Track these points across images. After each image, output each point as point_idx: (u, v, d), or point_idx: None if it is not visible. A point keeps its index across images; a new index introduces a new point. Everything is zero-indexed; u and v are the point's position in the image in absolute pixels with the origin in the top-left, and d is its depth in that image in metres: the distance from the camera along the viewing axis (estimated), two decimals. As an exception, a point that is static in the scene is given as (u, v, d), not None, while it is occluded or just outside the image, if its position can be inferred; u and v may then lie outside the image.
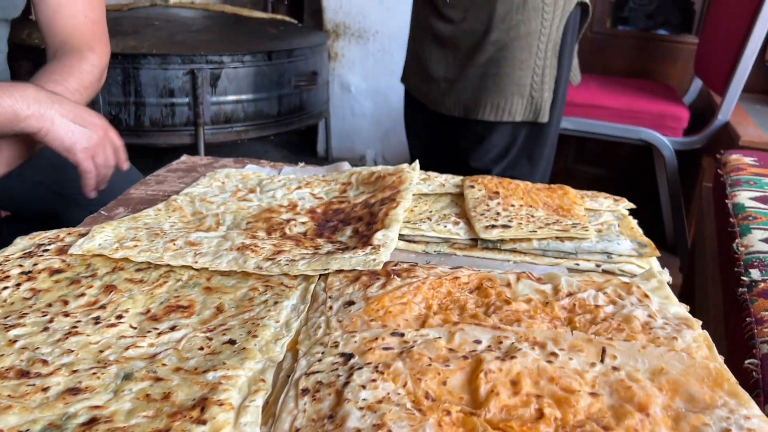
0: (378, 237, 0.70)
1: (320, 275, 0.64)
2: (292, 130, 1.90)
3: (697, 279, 1.20)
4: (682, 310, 0.59)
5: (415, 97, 1.43)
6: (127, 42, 1.59)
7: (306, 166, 1.01)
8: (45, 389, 0.47)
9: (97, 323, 0.55)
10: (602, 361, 0.51)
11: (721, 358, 0.52)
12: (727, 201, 1.07)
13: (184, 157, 1.05)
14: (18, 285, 0.61)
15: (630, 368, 0.50)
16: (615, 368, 0.50)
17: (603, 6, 2.02)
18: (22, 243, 0.69)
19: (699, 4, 1.95)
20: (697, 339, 0.54)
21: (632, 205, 0.85)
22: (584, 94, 1.63)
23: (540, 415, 0.45)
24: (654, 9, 2.10)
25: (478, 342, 0.53)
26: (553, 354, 0.51)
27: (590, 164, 2.14)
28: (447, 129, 1.38)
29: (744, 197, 1.07)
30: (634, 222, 0.82)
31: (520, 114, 1.25)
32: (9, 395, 0.46)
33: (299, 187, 0.88)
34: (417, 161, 0.92)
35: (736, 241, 0.92)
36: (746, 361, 0.67)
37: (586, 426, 0.45)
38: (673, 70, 1.98)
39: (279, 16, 2.17)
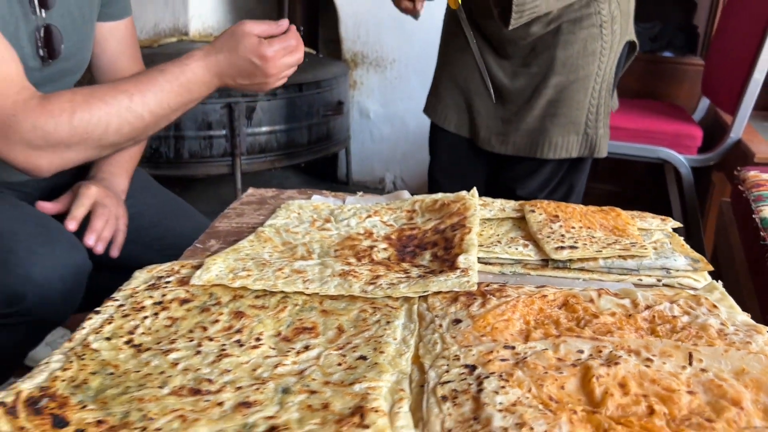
0: (462, 261, 0.77)
1: (419, 297, 0.72)
2: (319, 157, 1.98)
3: (737, 283, 1.28)
4: (748, 317, 0.67)
5: (449, 130, 1.47)
6: (167, 79, 1.67)
7: (366, 195, 1.09)
8: (220, 404, 0.53)
9: (241, 345, 0.62)
10: (690, 364, 0.59)
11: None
12: (754, 216, 1.15)
13: (251, 190, 1.12)
14: (156, 314, 0.68)
15: (716, 369, 0.58)
16: (703, 370, 0.57)
17: (610, 31, 2.12)
18: (142, 276, 0.76)
19: (702, 28, 2.06)
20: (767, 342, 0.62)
21: (679, 224, 0.93)
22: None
23: (651, 411, 0.53)
24: (658, 32, 2.21)
25: (581, 351, 0.60)
26: (648, 360, 0.59)
27: (603, 181, 2.23)
28: (489, 161, 1.45)
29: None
30: (682, 239, 0.90)
31: (576, 150, 1.34)
32: (192, 410, 0.53)
33: (369, 216, 0.96)
34: (475, 189, 1.00)
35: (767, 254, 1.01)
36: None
37: (693, 419, 0.52)
38: (680, 91, 2.08)
39: (300, 48, 2.26)
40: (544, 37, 1.29)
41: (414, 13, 1.36)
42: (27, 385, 0.55)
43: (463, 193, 0.99)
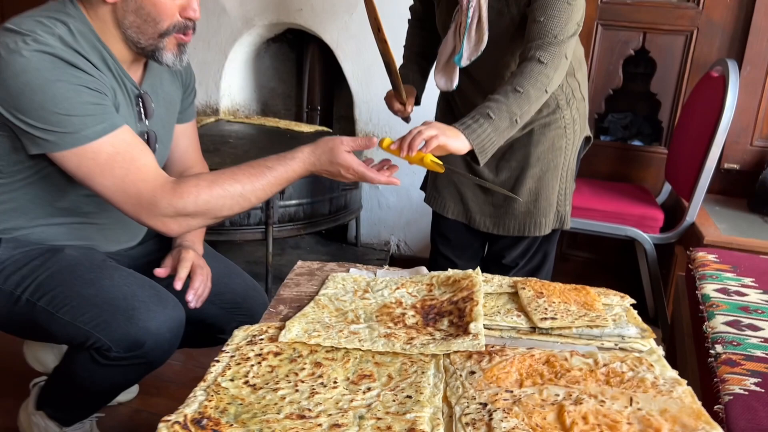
0: (472, 327, 1.06)
1: (443, 354, 1.00)
2: (337, 225, 2.28)
3: (678, 350, 1.58)
4: (675, 374, 0.96)
5: (449, 217, 1.73)
6: (213, 159, 1.97)
7: (390, 269, 1.38)
8: (319, 425, 0.81)
9: (324, 386, 0.90)
10: (630, 405, 0.87)
11: (699, 403, 0.88)
12: (697, 292, 1.46)
13: (300, 263, 1.40)
14: (259, 363, 0.95)
15: (647, 409, 0.86)
16: (639, 409, 0.86)
17: (589, 121, 2.47)
18: (240, 334, 1.04)
19: (666, 122, 2.41)
20: (685, 391, 0.90)
21: (633, 301, 1.23)
22: (580, 199, 2.04)
23: (602, 435, 0.81)
24: (629, 122, 2.57)
25: (557, 395, 0.88)
26: (602, 401, 0.87)
27: (581, 249, 2.54)
28: (480, 235, 1.75)
29: (709, 289, 1.45)
30: (635, 313, 1.19)
31: (551, 226, 1.64)
32: (302, 428, 0.80)
33: (398, 288, 1.25)
34: (479, 268, 1.29)
35: (705, 323, 1.30)
36: (715, 407, 1.03)
37: (629, 440, 0.80)
38: (648, 175, 2.42)
39: (319, 128, 2.58)
40: (520, 138, 1.59)
41: (404, 116, 1.66)
42: (188, 410, 0.82)
43: (470, 271, 1.27)
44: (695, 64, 2.28)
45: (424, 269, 1.34)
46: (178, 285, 1.30)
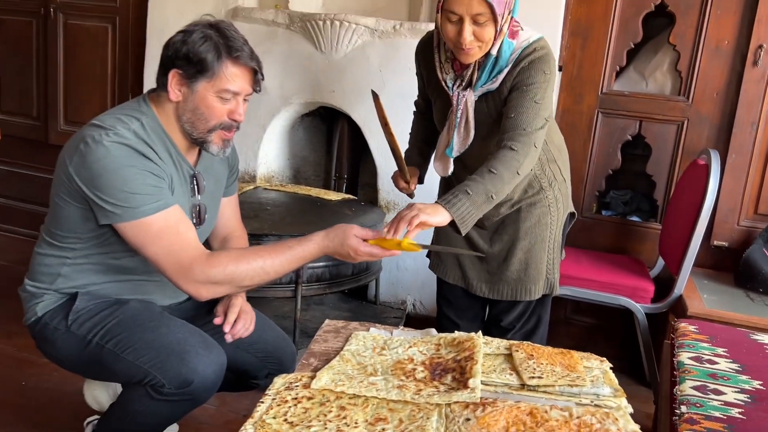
0: (471, 383, 1.27)
1: (445, 403, 1.21)
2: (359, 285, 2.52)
3: (659, 410, 1.76)
4: (636, 427, 1.16)
5: (450, 282, 1.97)
6: (253, 224, 2.23)
7: (405, 329, 1.60)
8: (344, 455, 1.03)
9: (348, 426, 1.12)
10: (595, 450, 1.08)
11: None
12: (673, 359, 1.66)
13: (327, 321, 1.63)
14: (295, 405, 1.18)
15: (608, 454, 1.07)
16: (601, 454, 1.07)
17: (590, 197, 2.70)
18: (279, 381, 1.27)
19: (660, 200, 2.64)
20: (641, 441, 1.10)
21: (610, 365, 1.43)
22: (578, 269, 2.27)
23: (568, 472, 1.02)
24: (629, 198, 2.80)
25: (536, 440, 1.10)
26: (572, 446, 1.08)
27: (584, 315, 2.73)
28: (478, 300, 1.98)
29: (684, 356, 1.65)
30: (612, 374, 1.39)
31: (542, 291, 1.87)
32: (330, 457, 1.02)
33: (411, 346, 1.47)
34: (480, 332, 1.51)
35: (676, 387, 1.50)
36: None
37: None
38: (644, 248, 2.63)
39: (345, 195, 2.86)
40: (510, 215, 1.85)
41: (408, 192, 1.92)
42: (242, 440, 1.05)
43: (473, 334, 1.50)
44: (686, 150, 2.53)
45: (433, 331, 1.57)
46: (227, 328, 1.57)
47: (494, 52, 1.61)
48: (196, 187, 1.58)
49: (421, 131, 2.00)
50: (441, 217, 1.54)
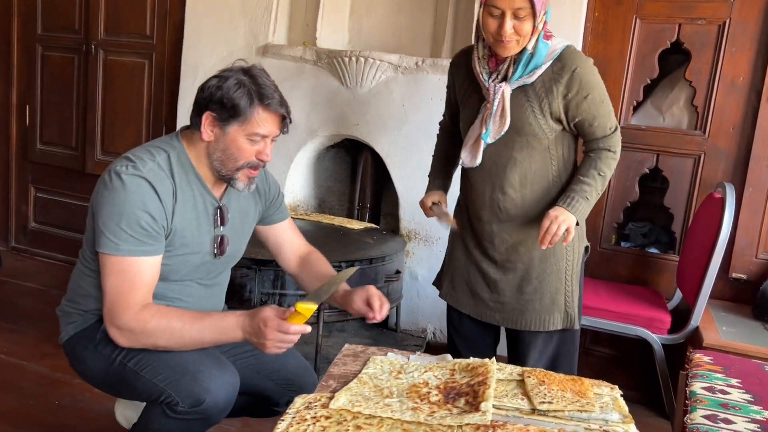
0: (483, 406, 1.33)
1: (457, 425, 1.27)
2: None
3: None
4: (641, 452, 1.20)
5: (462, 311, 1.99)
6: (278, 251, 2.32)
7: (422, 354, 1.66)
8: (358, 470, 1.09)
9: (363, 444, 1.18)
10: (600, 473, 1.12)
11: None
12: (686, 388, 1.68)
13: (347, 346, 1.70)
14: (314, 424, 1.24)
15: (613, 476, 1.11)
16: (606, 476, 1.11)
17: (609, 228, 2.75)
18: (299, 401, 1.33)
19: (678, 232, 2.67)
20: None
21: (621, 392, 1.47)
22: (597, 300, 2.30)
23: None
24: (647, 230, 2.83)
25: (542, 461, 1.14)
26: (577, 468, 1.12)
27: (602, 345, 2.75)
28: (490, 333, 2.01)
29: (697, 386, 1.68)
30: (622, 401, 1.43)
31: (560, 324, 1.87)
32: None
33: (426, 371, 1.53)
34: (494, 358, 1.56)
35: (687, 416, 1.53)
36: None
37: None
38: (662, 280, 2.65)
39: (368, 224, 2.94)
40: (525, 242, 1.86)
41: (449, 222, 1.97)
42: (263, 454, 1.12)
43: (486, 360, 1.55)
44: (703, 182, 2.56)
45: (449, 356, 1.62)
46: (378, 317, 1.66)
47: (530, 48, 1.71)
48: (219, 218, 1.65)
49: (445, 150, 2.09)
50: (573, 221, 1.74)
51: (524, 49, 1.71)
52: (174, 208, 1.54)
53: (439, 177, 2.06)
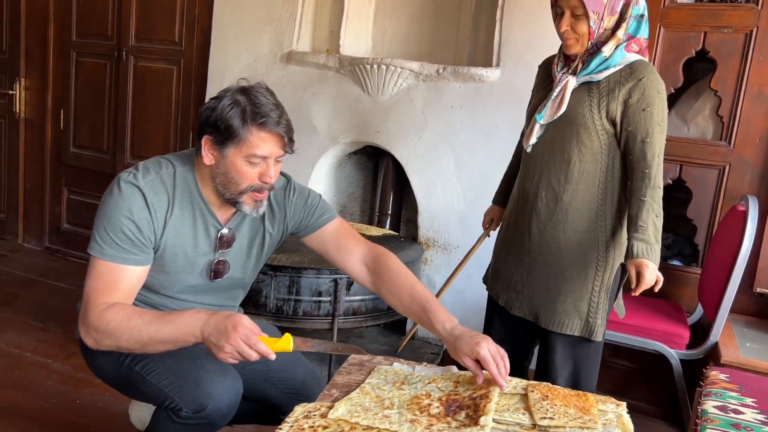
0: (482, 420, 1.32)
1: (454, 439, 1.26)
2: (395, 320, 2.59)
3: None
4: (640, 472, 1.18)
5: (500, 304, 2.03)
6: (293, 257, 2.35)
7: (427, 365, 1.66)
8: (349, 482, 1.09)
9: (357, 455, 1.19)
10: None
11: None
12: (698, 407, 1.65)
13: (353, 356, 1.70)
14: (311, 433, 1.25)
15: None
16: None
17: (630, 240, 2.70)
18: (299, 409, 1.35)
19: (701, 245, 2.61)
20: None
21: (626, 410, 1.45)
22: (614, 313, 2.26)
23: None
24: (670, 242, 2.77)
25: (536, 478, 1.13)
26: (572, 487, 1.11)
27: (622, 358, 2.71)
28: (520, 335, 2.01)
29: (709, 405, 1.64)
30: (627, 419, 1.40)
31: (578, 330, 1.86)
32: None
33: (430, 382, 1.53)
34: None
35: (696, 435, 1.50)
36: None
37: None
38: (684, 293, 2.59)
39: (387, 231, 2.95)
40: (555, 238, 1.86)
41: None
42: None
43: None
44: (728, 194, 2.51)
45: (455, 368, 1.62)
46: (505, 387, 1.44)
47: (606, 52, 1.77)
48: (217, 242, 1.60)
49: (513, 167, 2.16)
50: (653, 267, 1.73)
51: (600, 51, 1.77)
52: (166, 223, 1.52)
53: (502, 192, 2.18)
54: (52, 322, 3.06)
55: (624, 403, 1.47)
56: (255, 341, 1.35)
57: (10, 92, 4.18)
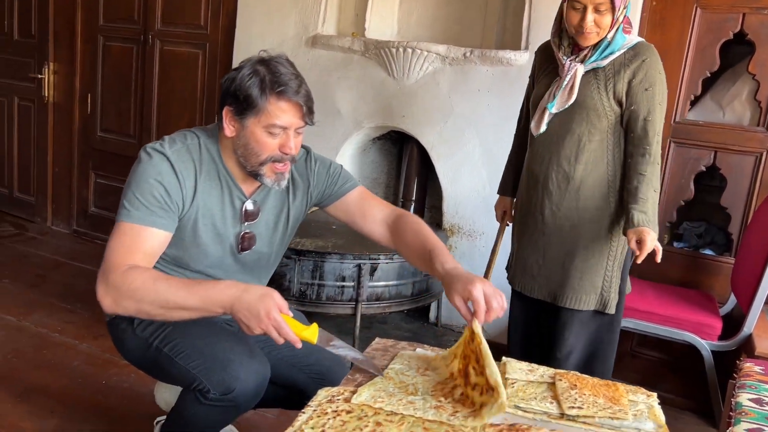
0: (496, 386, 1.29)
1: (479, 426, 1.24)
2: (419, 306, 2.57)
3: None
4: (672, 464, 1.15)
5: (518, 290, 2.06)
6: (317, 242, 2.33)
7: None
8: (373, 468, 1.07)
9: (380, 441, 1.17)
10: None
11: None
12: (732, 399, 1.60)
13: (377, 340, 1.68)
14: (334, 418, 1.24)
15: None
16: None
17: (661, 227, 2.62)
18: (323, 393, 1.33)
19: (735, 234, 2.54)
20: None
21: (658, 400, 1.41)
22: (643, 302, 2.22)
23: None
24: (703, 230, 2.70)
25: (564, 469, 1.10)
26: (601, 478, 1.08)
27: (650, 348, 2.65)
28: (540, 316, 1.99)
29: (744, 398, 1.59)
30: (658, 410, 1.37)
31: (593, 305, 1.91)
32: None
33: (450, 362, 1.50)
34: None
35: (730, 428, 1.45)
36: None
37: None
38: (716, 283, 2.53)
39: (411, 217, 2.92)
40: (570, 216, 1.91)
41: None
42: (279, 446, 1.12)
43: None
44: (765, 182, 2.43)
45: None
46: (490, 318, 1.41)
47: (609, 37, 1.83)
48: (245, 215, 1.60)
49: (517, 155, 2.19)
50: (654, 234, 1.78)
51: (604, 38, 1.83)
52: (195, 192, 1.51)
53: (507, 182, 2.22)
54: (79, 303, 3.10)
55: (655, 394, 1.43)
56: (286, 330, 1.34)
57: (39, 76, 4.22)
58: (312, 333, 1.41)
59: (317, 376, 1.76)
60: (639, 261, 1.76)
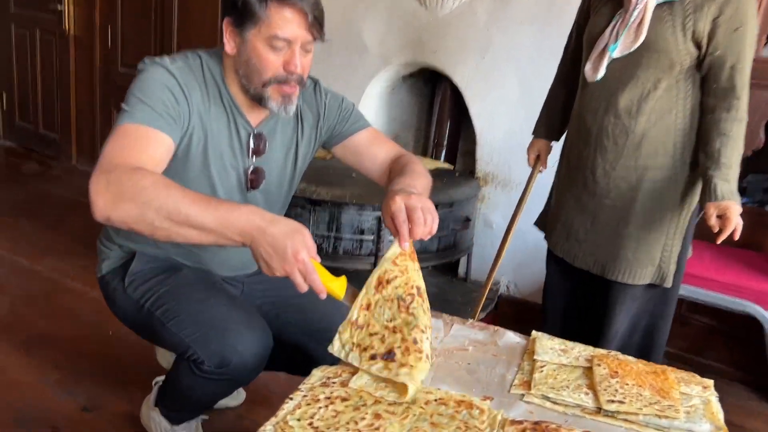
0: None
1: (498, 425, 1.04)
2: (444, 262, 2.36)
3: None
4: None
5: (557, 255, 1.83)
6: (334, 191, 2.12)
7: (469, 323, 1.43)
8: (364, 477, 0.89)
9: (378, 438, 0.98)
10: None
11: None
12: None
13: (390, 307, 1.49)
14: (327, 406, 1.05)
15: None
16: None
17: (723, 180, 2.33)
18: (317, 374, 1.15)
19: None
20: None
21: (716, 394, 1.18)
22: (699, 267, 1.96)
23: None
24: (770, 185, 2.40)
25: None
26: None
27: (703, 314, 2.40)
28: (584, 289, 1.76)
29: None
30: (717, 406, 1.15)
31: (649, 278, 1.67)
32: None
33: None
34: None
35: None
36: None
37: None
38: (784, 245, 2.24)
39: (440, 164, 2.68)
40: (627, 178, 1.65)
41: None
42: (257, 442, 0.94)
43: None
44: None
45: (508, 332, 1.38)
46: (405, 246, 1.25)
47: None
48: (252, 146, 1.44)
49: (557, 94, 1.94)
50: (739, 209, 1.56)
51: None
52: (202, 113, 1.35)
53: (545, 123, 1.96)
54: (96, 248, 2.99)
55: (712, 385, 1.21)
56: (313, 277, 1.12)
57: (59, 8, 4.06)
58: (341, 286, 1.23)
59: (329, 342, 1.58)
60: (719, 241, 1.52)
